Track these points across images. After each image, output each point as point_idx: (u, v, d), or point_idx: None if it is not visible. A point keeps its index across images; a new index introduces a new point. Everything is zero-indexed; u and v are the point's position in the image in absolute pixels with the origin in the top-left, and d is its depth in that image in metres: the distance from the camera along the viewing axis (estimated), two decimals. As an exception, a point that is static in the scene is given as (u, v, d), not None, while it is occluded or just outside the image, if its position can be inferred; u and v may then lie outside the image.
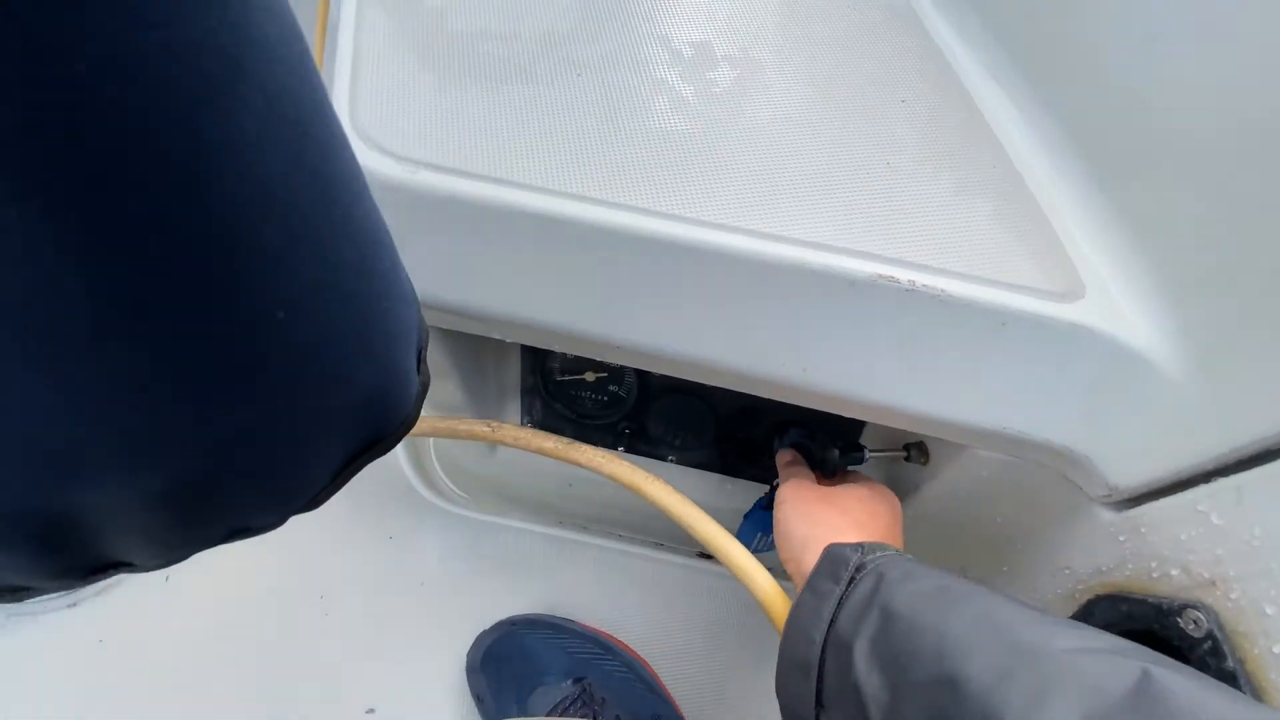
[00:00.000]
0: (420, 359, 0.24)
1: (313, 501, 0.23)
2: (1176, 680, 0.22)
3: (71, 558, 0.20)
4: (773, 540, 0.42)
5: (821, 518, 0.39)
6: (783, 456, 0.48)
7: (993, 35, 0.43)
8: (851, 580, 0.32)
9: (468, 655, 0.54)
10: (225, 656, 0.56)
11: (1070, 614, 0.39)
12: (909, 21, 0.46)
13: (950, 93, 0.42)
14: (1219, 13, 0.31)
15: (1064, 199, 0.37)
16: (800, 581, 0.37)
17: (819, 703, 0.31)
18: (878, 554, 0.33)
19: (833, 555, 0.34)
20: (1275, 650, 0.29)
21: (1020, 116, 0.41)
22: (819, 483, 0.45)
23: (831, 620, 0.31)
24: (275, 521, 0.22)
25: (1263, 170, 0.29)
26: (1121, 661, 0.23)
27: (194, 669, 0.55)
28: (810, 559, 0.36)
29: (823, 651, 0.31)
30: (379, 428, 0.21)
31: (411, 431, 0.48)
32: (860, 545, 0.34)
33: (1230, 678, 0.30)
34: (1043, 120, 0.39)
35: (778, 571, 0.41)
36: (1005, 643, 0.25)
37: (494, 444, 0.49)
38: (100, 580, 0.22)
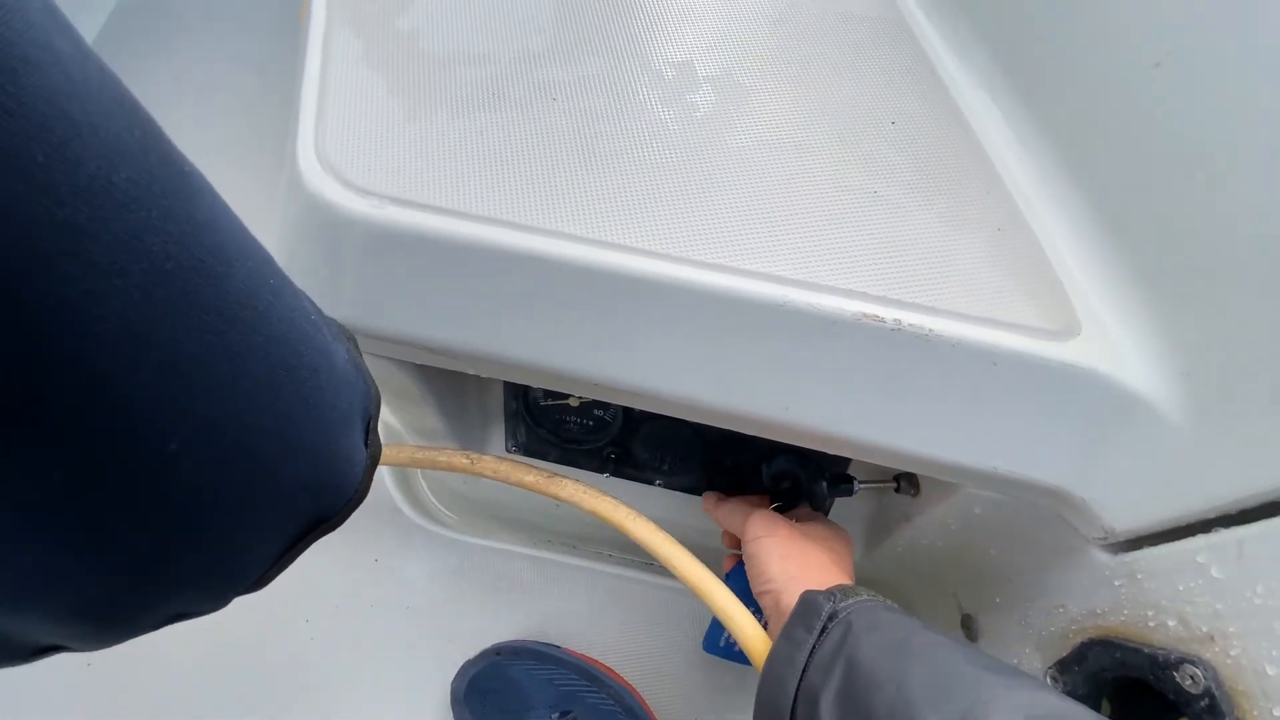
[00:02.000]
0: (369, 429, 0.23)
1: (258, 583, 0.22)
2: None
3: (7, 652, 0.20)
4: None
5: (797, 555, 0.40)
6: (760, 501, 0.48)
7: (989, 51, 0.41)
8: (824, 629, 0.33)
9: (452, 685, 0.53)
10: (211, 679, 0.56)
11: (1062, 655, 0.38)
12: (900, 35, 0.44)
13: (943, 114, 0.40)
14: (1234, 33, 0.29)
15: (1061, 230, 0.36)
16: (775, 618, 0.38)
17: None
18: (849, 601, 0.34)
19: (807, 603, 0.35)
20: (1276, 713, 0.27)
21: (1016, 140, 0.39)
22: (798, 514, 0.47)
23: (804, 669, 0.32)
24: (217, 605, 0.21)
25: (1276, 205, 0.27)
26: None
27: (180, 692, 0.55)
28: (789, 600, 0.36)
29: (795, 700, 0.32)
30: (321, 513, 0.20)
31: (391, 463, 0.47)
32: (833, 592, 0.35)
33: (1229, 736, 0.29)
34: (1040, 144, 0.38)
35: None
36: (958, 709, 0.26)
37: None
38: (45, 658, 0.22)
